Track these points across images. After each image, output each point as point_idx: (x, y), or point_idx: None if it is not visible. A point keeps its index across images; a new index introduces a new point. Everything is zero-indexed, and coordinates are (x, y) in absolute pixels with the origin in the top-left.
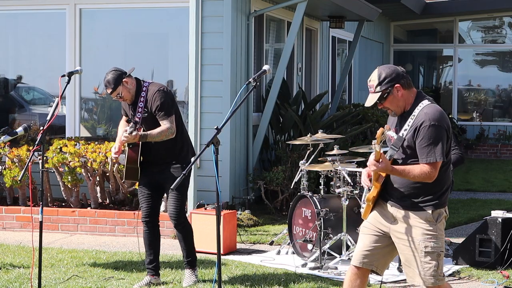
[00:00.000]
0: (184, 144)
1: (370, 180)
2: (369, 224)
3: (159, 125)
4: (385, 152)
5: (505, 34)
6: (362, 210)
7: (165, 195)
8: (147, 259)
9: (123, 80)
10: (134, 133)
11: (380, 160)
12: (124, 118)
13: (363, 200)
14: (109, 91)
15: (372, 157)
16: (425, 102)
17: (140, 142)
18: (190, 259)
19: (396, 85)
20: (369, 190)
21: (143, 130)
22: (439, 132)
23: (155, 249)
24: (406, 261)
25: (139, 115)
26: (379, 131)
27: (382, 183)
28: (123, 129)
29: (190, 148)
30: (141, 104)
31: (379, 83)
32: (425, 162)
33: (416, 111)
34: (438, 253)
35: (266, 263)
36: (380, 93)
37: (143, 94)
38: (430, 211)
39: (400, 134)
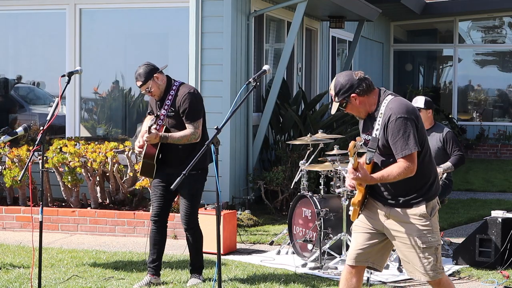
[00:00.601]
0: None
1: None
2: (361, 222)
3: (184, 126)
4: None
5: (505, 34)
6: (350, 213)
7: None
8: (150, 258)
9: (154, 75)
10: (154, 132)
11: (358, 169)
12: (149, 115)
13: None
14: (138, 84)
15: (350, 166)
16: (389, 98)
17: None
18: (197, 265)
19: (352, 94)
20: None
21: (165, 128)
22: (407, 123)
23: (160, 249)
24: (405, 257)
25: (164, 112)
26: (350, 144)
27: (366, 186)
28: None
29: (209, 153)
30: (168, 102)
31: (336, 94)
32: (401, 156)
33: (382, 109)
34: (436, 247)
35: (266, 263)
36: (338, 103)
37: (171, 92)
38: (423, 206)
39: (374, 135)
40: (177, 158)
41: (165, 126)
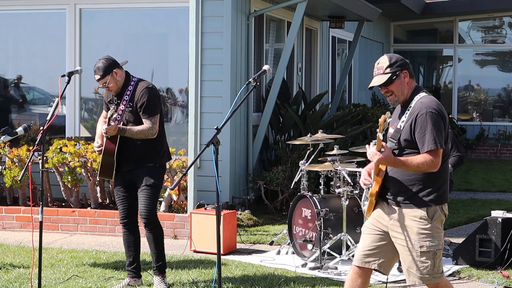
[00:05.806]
0: (163, 145)
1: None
2: (370, 224)
3: (141, 122)
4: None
5: (505, 34)
6: (364, 208)
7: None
8: (127, 260)
9: (113, 70)
10: (113, 123)
11: (382, 149)
12: (103, 114)
13: (363, 200)
14: (96, 77)
15: (373, 148)
16: (422, 94)
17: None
18: (160, 264)
19: (404, 70)
20: (369, 187)
21: (123, 124)
22: (436, 119)
23: (135, 250)
24: (402, 259)
25: (122, 107)
26: (381, 119)
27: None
28: (103, 122)
29: (167, 149)
30: (126, 98)
31: (390, 65)
32: (426, 150)
33: (413, 103)
34: (434, 252)
35: (266, 263)
36: (390, 74)
37: (130, 88)
38: (425, 208)
39: (398, 126)
40: (137, 154)
41: (122, 122)
